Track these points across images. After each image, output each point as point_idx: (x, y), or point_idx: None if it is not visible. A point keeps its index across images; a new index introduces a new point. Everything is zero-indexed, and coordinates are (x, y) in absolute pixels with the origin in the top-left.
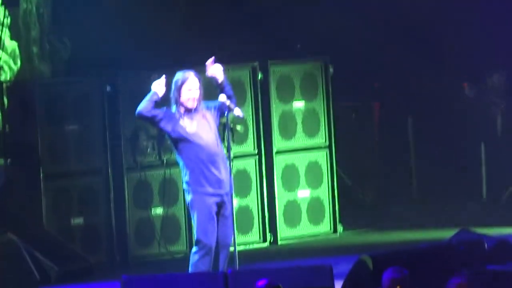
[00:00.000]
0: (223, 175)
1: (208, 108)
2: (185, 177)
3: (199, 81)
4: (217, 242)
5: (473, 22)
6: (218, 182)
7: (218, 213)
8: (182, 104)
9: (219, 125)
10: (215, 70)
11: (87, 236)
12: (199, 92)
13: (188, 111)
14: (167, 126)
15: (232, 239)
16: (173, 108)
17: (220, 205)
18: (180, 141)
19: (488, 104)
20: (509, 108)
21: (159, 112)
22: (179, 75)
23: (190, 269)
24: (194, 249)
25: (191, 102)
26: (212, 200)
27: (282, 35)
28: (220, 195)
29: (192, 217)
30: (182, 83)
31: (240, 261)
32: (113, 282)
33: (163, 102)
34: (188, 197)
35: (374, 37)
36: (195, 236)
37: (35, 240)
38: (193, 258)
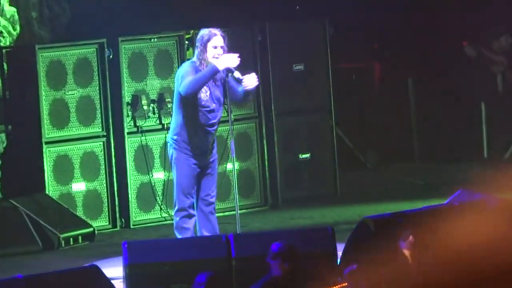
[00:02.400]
0: (212, 145)
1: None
2: (175, 131)
3: (224, 41)
4: (200, 199)
5: None
6: (206, 152)
7: (201, 173)
8: (206, 62)
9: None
10: (251, 82)
11: (88, 201)
12: (223, 51)
13: None
14: None
15: (234, 201)
16: (192, 62)
17: (203, 167)
18: (189, 101)
19: (488, 64)
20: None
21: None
22: (204, 32)
23: (175, 232)
24: (174, 209)
25: (216, 60)
26: (196, 161)
27: None
28: (205, 161)
29: (173, 173)
30: (208, 40)
31: (242, 223)
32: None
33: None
34: (173, 153)
35: None
36: (175, 195)
37: (37, 206)
38: (175, 219)
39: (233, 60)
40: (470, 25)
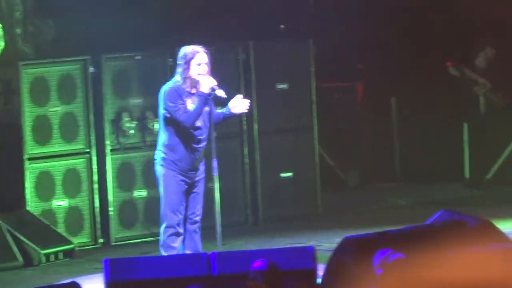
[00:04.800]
0: (200, 162)
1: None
2: (162, 149)
3: (208, 57)
4: (186, 218)
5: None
6: (193, 168)
7: (188, 190)
8: (189, 80)
9: None
10: (241, 106)
11: (70, 218)
12: (207, 68)
13: (192, 90)
14: None
15: (215, 219)
16: (175, 82)
17: (190, 184)
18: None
19: (471, 85)
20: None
21: (186, 106)
22: (187, 49)
23: (160, 249)
24: (162, 227)
25: (200, 77)
26: (183, 179)
27: (262, 16)
28: (192, 178)
29: (160, 191)
30: (192, 58)
31: (223, 242)
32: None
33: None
34: (160, 171)
35: (357, 17)
36: (162, 212)
37: (18, 222)
38: (162, 236)
39: (211, 79)
40: (453, 45)
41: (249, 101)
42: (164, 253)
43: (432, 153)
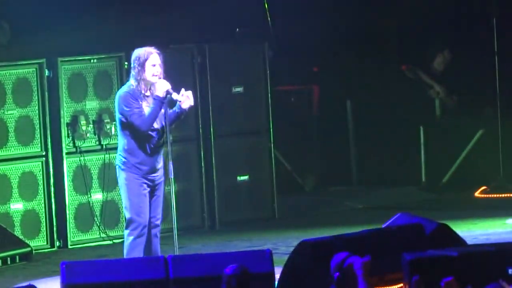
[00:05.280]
0: (160, 165)
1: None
2: (122, 153)
3: (161, 58)
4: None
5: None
6: (154, 171)
7: (150, 194)
8: (144, 81)
9: None
10: (188, 99)
11: (26, 221)
12: (161, 70)
13: (146, 92)
14: None
15: (172, 222)
16: (130, 86)
17: (152, 187)
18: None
19: (426, 88)
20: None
21: (142, 110)
22: (140, 51)
23: (125, 251)
24: (127, 230)
25: (155, 78)
26: (145, 182)
27: (218, 19)
28: (153, 181)
29: (123, 196)
30: (146, 59)
31: (180, 245)
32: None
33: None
34: (121, 175)
35: (313, 20)
36: (127, 216)
37: None
38: (127, 239)
39: (166, 83)
40: (409, 47)
41: (191, 92)
42: (127, 256)
43: (388, 156)
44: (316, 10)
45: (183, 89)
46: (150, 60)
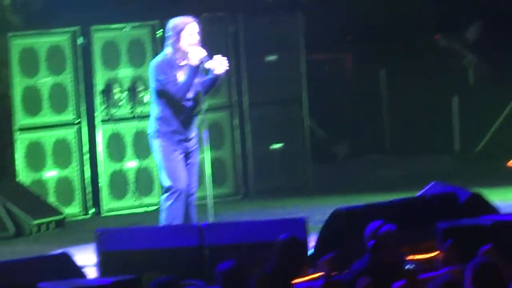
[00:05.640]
0: (193, 133)
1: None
2: (155, 122)
3: (199, 27)
4: None
5: None
6: (187, 139)
7: (184, 161)
8: (180, 51)
9: None
10: (221, 66)
11: (60, 188)
12: (198, 39)
13: (182, 62)
14: None
15: (206, 190)
16: (165, 55)
17: (185, 155)
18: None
19: (460, 57)
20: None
21: (177, 78)
22: (177, 20)
23: (162, 216)
24: (164, 196)
25: (192, 48)
26: (178, 149)
27: None
28: (187, 149)
29: (158, 164)
30: (183, 28)
31: (214, 213)
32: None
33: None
34: (155, 143)
35: None
36: (164, 183)
37: (9, 193)
38: (165, 203)
39: (201, 51)
40: (443, 16)
41: (226, 58)
42: (166, 221)
43: (422, 125)
44: None
45: (216, 56)
46: (187, 30)
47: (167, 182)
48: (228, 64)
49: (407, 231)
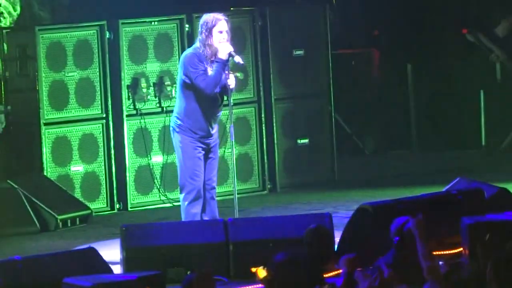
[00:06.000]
0: (215, 129)
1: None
2: (178, 116)
3: (228, 25)
4: (203, 185)
5: None
6: (209, 135)
7: (204, 156)
8: (210, 47)
9: None
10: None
11: (86, 183)
12: (228, 36)
13: (211, 58)
14: None
15: (232, 185)
16: (196, 48)
17: (206, 150)
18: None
19: (487, 52)
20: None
21: (207, 73)
22: (208, 17)
23: (182, 215)
24: (182, 194)
25: (221, 45)
26: (199, 145)
27: None
28: (208, 145)
29: (177, 158)
30: (213, 25)
31: (240, 208)
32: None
33: None
34: (176, 137)
35: None
36: (180, 180)
37: (35, 187)
38: (183, 203)
39: (229, 45)
40: (470, 11)
41: (234, 77)
42: (185, 219)
43: (448, 120)
44: None
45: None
46: (217, 27)
47: (182, 179)
48: (235, 85)
49: (433, 226)
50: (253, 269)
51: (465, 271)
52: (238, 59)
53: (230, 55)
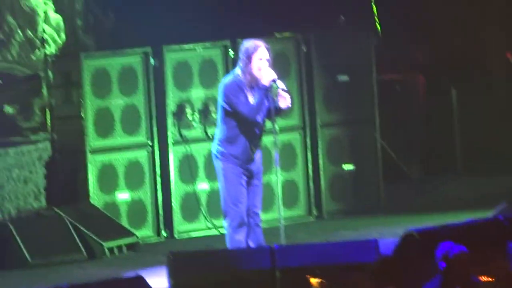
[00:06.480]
0: (258, 155)
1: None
2: (220, 143)
3: (269, 52)
4: (247, 212)
5: None
6: (251, 161)
7: (247, 183)
8: (250, 74)
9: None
10: (285, 100)
11: (133, 210)
12: (268, 63)
13: (253, 83)
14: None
15: (278, 212)
16: (236, 75)
17: (249, 177)
18: (235, 113)
19: None
20: None
21: (248, 99)
22: (249, 44)
23: (227, 242)
24: (225, 222)
25: (261, 73)
26: (242, 171)
27: (322, 7)
28: (251, 171)
29: (220, 185)
30: (253, 52)
31: (286, 235)
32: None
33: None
34: (218, 164)
35: (416, 8)
36: (224, 207)
37: (81, 215)
38: (227, 230)
39: (271, 71)
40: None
41: (290, 96)
42: (231, 247)
43: (494, 145)
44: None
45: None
46: (257, 54)
47: (226, 206)
48: (290, 102)
49: (479, 252)
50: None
51: None
52: (281, 85)
53: (273, 81)
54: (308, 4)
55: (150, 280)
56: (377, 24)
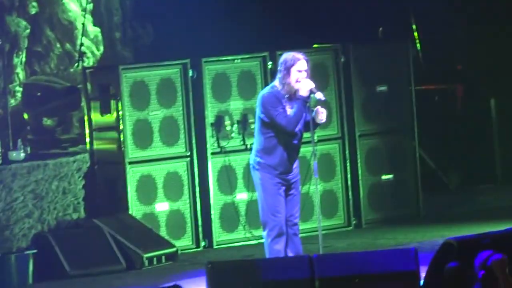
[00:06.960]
0: (295, 165)
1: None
2: (257, 154)
3: (307, 64)
4: (285, 221)
5: None
6: (289, 171)
7: (285, 193)
8: (288, 86)
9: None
10: (321, 115)
11: (172, 221)
12: (306, 75)
13: (291, 95)
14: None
15: (317, 221)
16: (273, 87)
17: (287, 186)
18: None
19: None
20: None
21: (286, 111)
22: (288, 56)
23: (266, 252)
24: (264, 232)
25: (299, 85)
26: (280, 181)
27: (363, 19)
28: (288, 181)
29: (258, 195)
30: (292, 64)
31: (325, 244)
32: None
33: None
34: (256, 174)
35: (457, 19)
36: (262, 217)
37: (121, 226)
38: (266, 240)
39: (310, 82)
40: None
41: (326, 112)
42: (269, 256)
43: None
44: (457, 7)
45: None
46: (296, 66)
47: (265, 216)
48: (326, 117)
49: None
50: None
51: None
52: (319, 95)
53: (311, 91)
54: (347, 16)
55: None
56: (417, 44)
